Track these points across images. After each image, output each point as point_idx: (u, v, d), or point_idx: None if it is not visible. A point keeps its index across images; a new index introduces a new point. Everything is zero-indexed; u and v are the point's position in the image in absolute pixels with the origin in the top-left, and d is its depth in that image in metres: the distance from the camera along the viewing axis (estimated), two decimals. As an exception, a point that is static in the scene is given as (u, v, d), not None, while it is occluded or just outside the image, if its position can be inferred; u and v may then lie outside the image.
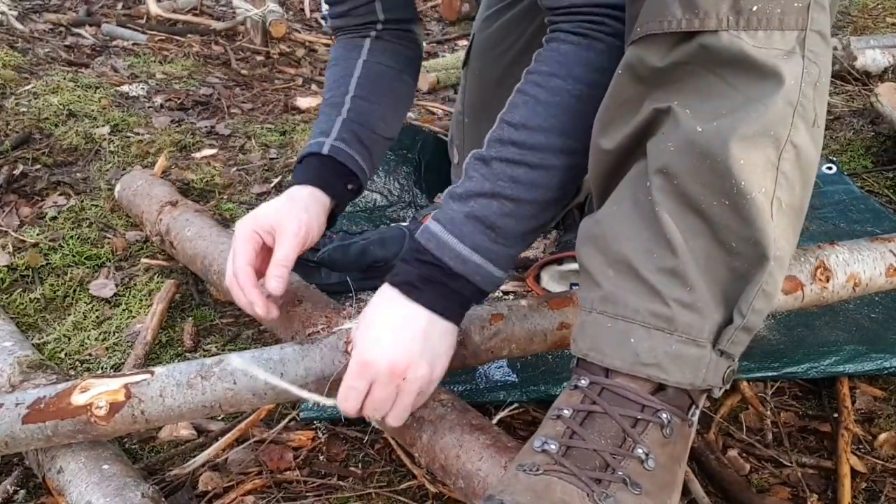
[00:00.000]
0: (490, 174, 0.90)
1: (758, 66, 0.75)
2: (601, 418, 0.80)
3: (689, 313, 0.79)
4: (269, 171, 1.93)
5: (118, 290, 1.45)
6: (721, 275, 0.79)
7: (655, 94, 0.81)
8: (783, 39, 0.75)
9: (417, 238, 0.91)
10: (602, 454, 0.77)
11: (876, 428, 1.14)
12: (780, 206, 0.78)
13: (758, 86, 0.75)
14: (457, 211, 0.90)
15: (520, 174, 0.90)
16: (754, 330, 0.81)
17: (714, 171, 0.76)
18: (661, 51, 0.78)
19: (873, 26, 2.97)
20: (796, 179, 0.78)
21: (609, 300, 0.82)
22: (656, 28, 0.78)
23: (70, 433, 0.94)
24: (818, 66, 0.77)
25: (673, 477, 0.80)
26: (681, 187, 0.78)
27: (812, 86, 0.76)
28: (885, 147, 1.99)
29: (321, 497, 1.02)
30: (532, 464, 0.77)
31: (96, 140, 1.97)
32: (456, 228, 0.89)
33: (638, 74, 0.81)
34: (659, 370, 0.79)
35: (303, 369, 0.97)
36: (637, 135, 0.83)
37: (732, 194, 0.76)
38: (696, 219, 0.78)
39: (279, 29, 2.85)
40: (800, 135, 0.77)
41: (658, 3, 0.77)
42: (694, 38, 0.76)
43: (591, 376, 0.82)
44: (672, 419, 0.80)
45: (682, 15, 0.76)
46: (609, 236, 0.83)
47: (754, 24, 0.74)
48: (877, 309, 1.33)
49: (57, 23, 2.91)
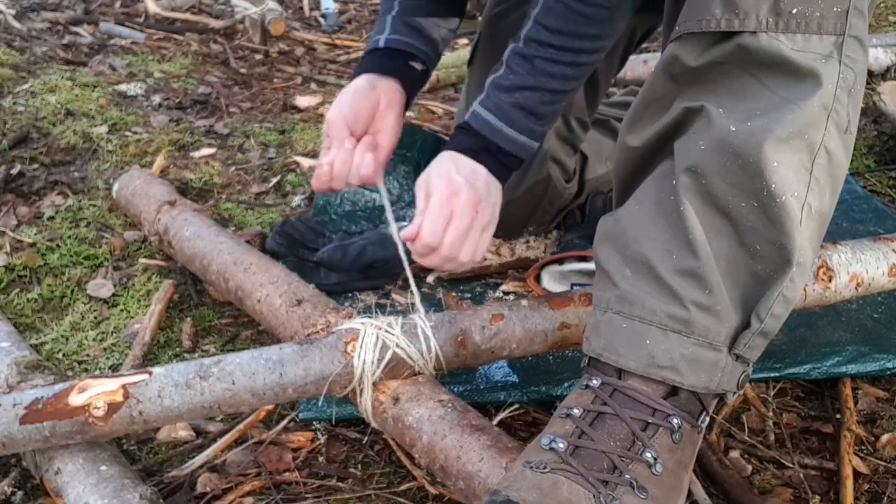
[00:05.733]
0: (532, 70, 1.05)
1: (795, 69, 0.74)
2: (611, 420, 0.79)
3: (707, 316, 0.78)
4: (268, 170, 1.92)
5: (116, 291, 1.44)
6: (742, 278, 0.79)
7: (687, 93, 0.80)
8: (821, 44, 0.75)
9: (470, 122, 1.07)
10: (610, 456, 0.76)
11: (878, 429, 1.13)
12: (810, 212, 0.77)
13: (794, 88, 0.75)
14: (504, 100, 1.06)
15: (557, 71, 1.05)
16: (771, 335, 0.81)
17: (746, 171, 0.75)
18: (698, 50, 0.78)
19: (876, 25, 2.96)
20: (827, 185, 0.78)
21: (626, 300, 0.81)
22: (695, 27, 0.78)
23: (68, 434, 0.93)
24: (854, 72, 0.76)
25: (679, 482, 0.79)
26: (709, 187, 0.77)
27: (847, 91, 0.76)
28: (888, 146, 1.99)
29: (320, 498, 1.02)
30: (539, 461, 0.77)
31: (94, 139, 1.97)
32: (504, 115, 1.06)
33: (672, 73, 0.81)
34: (674, 373, 0.79)
35: (302, 369, 0.96)
36: (665, 133, 0.83)
37: (762, 196, 0.75)
38: (722, 219, 0.78)
39: (278, 27, 2.85)
40: (833, 140, 0.76)
41: (699, 2, 0.77)
42: (732, 39, 0.76)
43: (604, 377, 0.82)
44: (682, 425, 0.79)
45: (721, 14, 0.75)
46: (629, 235, 0.83)
47: (793, 26, 0.74)
48: (880, 309, 1.32)
49: (55, 21, 2.90)
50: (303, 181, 1.87)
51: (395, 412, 0.97)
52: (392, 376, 0.99)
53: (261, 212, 1.73)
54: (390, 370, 0.99)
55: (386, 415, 0.99)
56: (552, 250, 1.55)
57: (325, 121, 1.16)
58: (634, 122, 0.87)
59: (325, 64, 2.80)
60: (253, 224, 1.66)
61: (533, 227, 1.58)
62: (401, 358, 0.98)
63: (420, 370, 1.00)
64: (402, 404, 0.97)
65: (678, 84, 0.81)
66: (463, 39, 3.00)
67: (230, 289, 1.25)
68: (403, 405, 0.97)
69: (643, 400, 0.79)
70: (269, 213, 1.72)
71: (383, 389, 0.99)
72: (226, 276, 1.25)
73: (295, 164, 1.95)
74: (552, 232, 1.61)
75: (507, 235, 1.57)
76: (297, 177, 1.89)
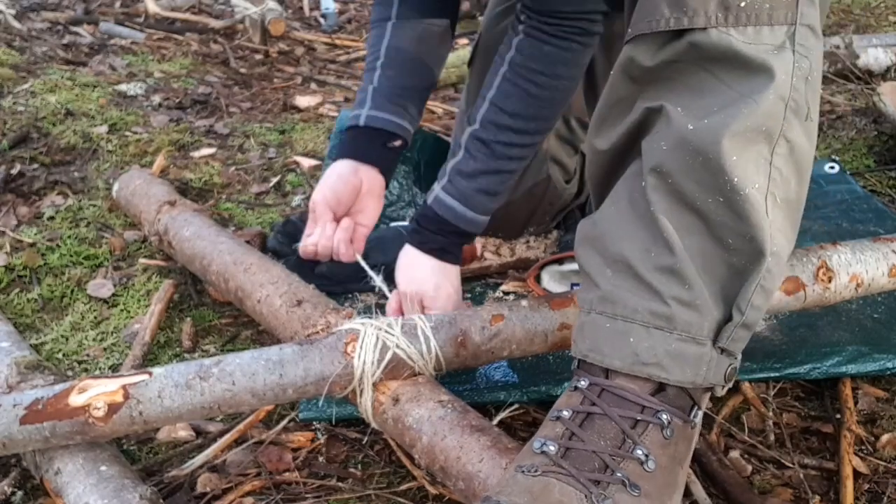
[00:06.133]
0: (492, 155, 1.14)
1: (748, 62, 0.75)
2: (600, 419, 0.79)
3: (688, 311, 0.79)
4: (268, 170, 1.92)
5: (116, 291, 1.44)
6: (719, 272, 0.79)
7: (647, 94, 0.81)
8: (772, 34, 0.75)
9: (434, 209, 1.16)
10: (601, 455, 0.76)
11: (878, 429, 1.13)
12: (776, 202, 0.78)
13: (748, 82, 0.75)
14: (467, 187, 1.15)
15: (514, 153, 1.15)
16: (754, 326, 0.81)
17: (707, 168, 0.76)
18: (652, 50, 0.79)
19: (876, 24, 2.96)
20: (791, 174, 0.79)
21: (608, 300, 0.82)
22: (646, 28, 0.78)
23: (68, 434, 0.93)
24: (809, 60, 0.77)
25: (674, 478, 0.79)
26: (675, 185, 0.78)
27: (803, 80, 0.76)
28: (888, 146, 1.98)
29: (320, 498, 1.02)
30: (531, 465, 0.77)
31: (94, 139, 1.97)
32: (468, 201, 1.15)
33: (630, 74, 0.82)
34: (659, 369, 0.79)
35: (302, 370, 0.96)
36: (631, 134, 0.83)
37: (726, 191, 0.76)
38: (692, 216, 0.78)
39: (278, 27, 2.84)
40: (793, 129, 0.77)
41: (648, 3, 0.78)
42: (684, 37, 0.76)
43: (591, 377, 0.82)
44: (673, 420, 0.79)
45: (670, 14, 0.76)
46: (607, 237, 0.83)
47: (743, 20, 0.74)
48: (879, 309, 1.32)
49: (55, 21, 2.90)
50: (303, 181, 1.87)
51: (395, 413, 0.97)
52: (392, 377, 0.99)
53: (261, 212, 1.73)
54: (390, 371, 0.99)
55: (386, 415, 0.99)
56: (552, 250, 1.55)
57: (311, 200, 1.27)
58: (600, 125, 0.87)
59: (325, 64, 2.80)
60: (253, 224, 1.66)
61: (533, 227, 1.58)
62: (401, 358, 0.98)
63: (420, 371, 1.00)
64: (402, 405, 0.97)
65: (638, 84, 0.82)
66: (463, 39, 3.00)
67: (230, 289, 1.25)
68: (403, 406, 0.97)
69: (631, 398, 0.79)
70: (269, 213, 1.72)
71: (383, 390, 0.99)
72: (226, 276, 1.25)
73: (295, 164, 1.95)
74: (552, 232, 1.61)
75: (507, 235, 1.57)
76: (297, 177, 1.89)
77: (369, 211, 1.29)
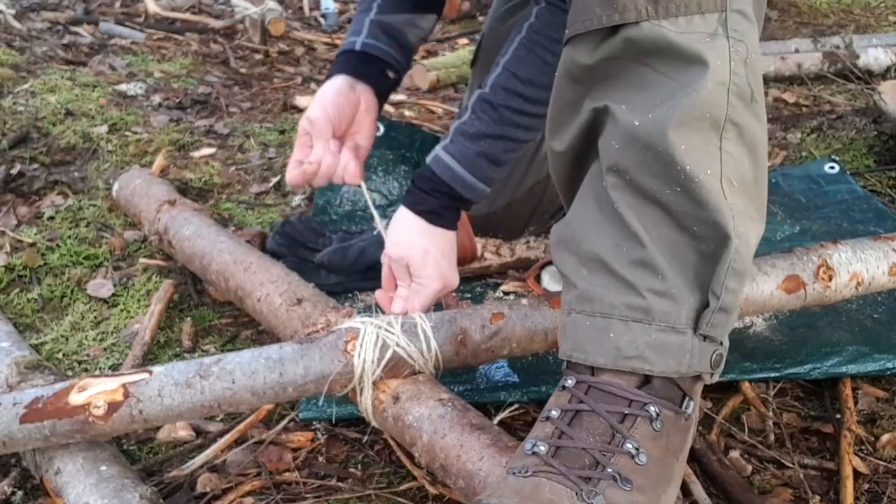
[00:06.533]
0: (499, 118, 1.07)
1: (683, 52, 0.75)
2: (588, 416, 0.79)
3: (664, 301, 0.79)
4: (268, 170, 1.92)
5: (116, 290, 1.44)
6: (690, 259, 0.80)
7: (592, 94, 0.82)
8: (704, 22, 0.76)
9: (432, 167, 1.09)
10: (591, 452, 0.77)
11: (878, 429, 1.13)
12: (731, 185, 0.78)
13: (686, 72, 0.76)
14: (469, 148, 1.08)
15: (522, 121, 1.08)
16: (732, 310, 0.82)
17: (659, 160, 0.76)
18: (589, 49, 0.80)
19: (875, 24, 2.96)
20: (744, 156, 0.79)
21: (585, 298, 0.82)
22: (581, 28, 0.79)
23: (68, 433, 0.93)
24: (745, 44, 0.77)
25: (668, 471, 0.79)
26: (633, 182, 0.79)
27: (742, 63, 0.77)
28: (888, 146, 1.98)
29: (320, 498, 1.02)
30: (522, 466, 0.77)
31: (94, 139, 1.97)
32: (468, 163, 1.08)
33: (573, 76, 0.83)
34: (642, 361, 0.79)
35: (302, 368, 0.96)
36: (584, 135, 0.85)
37: (681, 180, 0.76)
38: (655, 209, 0.79)
39: (278, 27, 2.85)
40: (737, 112, 0.77)
41: (581, 3, 0.79)
42: (618, 33, 0.77)
43: (578, 376, 0.83)
44: (662, 412, 0.80)
45: (601, 12, 0.77)
46: (579, 237, 0.84)
47: (673, 11, 0.75)
48: (880, 309, 1.32)
49: (55, 21, 2.90)
50: (303, 181, 1.87)
51: (395, 411, 0.97)
52: (392, 375, 0.99)
53: (261, 212, 1.73)
54: (390, 369, 0.99)
55: (386, 414, 0.99)
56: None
57: (305, 117, 1.17)
58: (555, 128, 0.88)
59: (325, 64, 2.80)
60: (253, 224, 1.66)
61: (533, 226, 1.58)
62: (401, 357, 0.98)
63: (420, 369, 1.00)
64: (403, 403, 0.97)
65: (582, 85, 0.83)
66: (463, 39, 3.00)
67: (230, 288, 1.25)
68: (403, 404, 0.97)
69: (617, 392, 0.80)
70: (269, 213, 1.72)
71: (383, 388, 0.99)
72: (226, 275, 1.25)
73: (295, 163, 1.95)
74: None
75: (508, 235, 1.57)
76: (297, 177, 1.89)
77: (367, 129, 1.23)
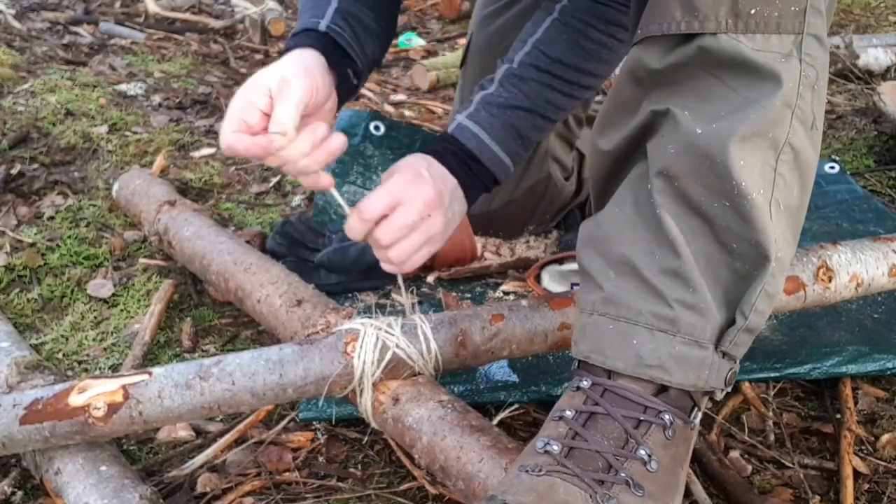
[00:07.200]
0: (529, 92, 1.05)
1: (756, 69, 0.75)
2: (603, 419, 0.79)
3: (691, 314, 0.79)
4: (268, 170, 1.92)
5: (116, 291, 1.44)
6: (723, 276, 0.79)
7: (653, 97, 0.81)
8: (780, 43, 0.76)
9: (456, 135, 1.05)
10: (605, 455, 0.76)
11: (878, 429, 1.13)
12: (779, 208, 0.78)
13: (756, 88, 0.75)
14: (496, 117, 1.05)
15: (552, 97, 1.06)
16: (756, 331, 0.81)
17: (714, 172, 0.76)
18: (660, 53, 0.79)
19: (876, 24, 2.96)
20: (794, 181, 0.79)
21: (611, 302, 0.81)
22: (656, 30, 0.78)
23: (68, 434, 0.93)
24: (815, 69, 0.77)
25: (675, 479, 0.79)
26: (681, 189, 0.78)
27: (810, 88, 0.77)
28: (888, 146, 1.98)
29: (320, 498, 1.02)
30: (535, 465, 0.77)
31: (94, 139, 1.96)
32: (495, 133, 1.04)
33: (636, 76, 0.82)
34: (662, 371, 0.79)
35: (301, 370, 0.96)
36: (635, 137, 0.84)
37: (733, 195, 0.76)
38: (698, 220, 0.78)
39: (278, 27, 2.85)
40: (798, 137, 0.77)
41: (658, 5, 0.78)
42: (693, 41, 0.76)
43: (594, 377, 0.82)
44: (674, 421, 0.80)
45: (681, 17, 0.76)
46: (611, 238, 0.83)
47: (752, 27, 0.75)
48: (880, 309, 1.32)
49: (55, 21, 2.90)
50: (303, 181, 1.87)
51: (395, 412, 0.97)
52: (392, 377, 0.99)
53: (261, 212, 1.73)
54: (390, 370, 0.99)
55: (386, 415, 0.99)
56: (552, 250, 1.55)
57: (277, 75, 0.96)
58: (605, 126, 0.88)
59: (325, 64, 2.80)
60: (253, 224, 1.66)
61: (533, 226, 1.58)
62: (401, 358, 0.98)
63: (420, 370, 1.00)
64: (402, 405, 0.97)
65: (643, 87, 0.82)
66: (463, 39, 3.00)
67: (230, 289, 1.25)
68: (403, 405, 0.97)
69: (634, 398, 0.79)
70: (269, 213, 1.72)
71: (383, 390, 0.99)
72: (226, 276, 1.25)
73: (295, 164, 1.95)
74: (552, 232, 1.61)
75: (508, 235, 1.57)
76: (297, 177, 1.89)
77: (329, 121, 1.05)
